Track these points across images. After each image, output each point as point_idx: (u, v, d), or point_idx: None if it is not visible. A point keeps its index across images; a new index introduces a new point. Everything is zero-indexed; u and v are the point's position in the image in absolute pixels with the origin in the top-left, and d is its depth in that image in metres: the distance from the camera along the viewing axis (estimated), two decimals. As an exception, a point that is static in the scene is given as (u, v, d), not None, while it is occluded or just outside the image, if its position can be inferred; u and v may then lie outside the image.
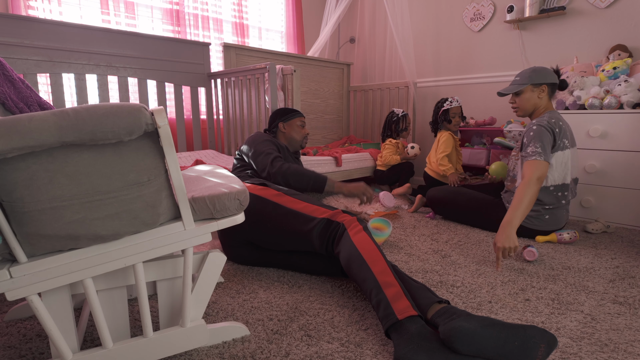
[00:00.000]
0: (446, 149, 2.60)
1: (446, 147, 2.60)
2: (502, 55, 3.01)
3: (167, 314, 0.96)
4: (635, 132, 2.03)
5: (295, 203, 1.41)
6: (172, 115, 2.76)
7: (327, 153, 2.79)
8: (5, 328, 1.10)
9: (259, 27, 3.38)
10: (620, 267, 1.55)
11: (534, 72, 1.82)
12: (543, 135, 1.73)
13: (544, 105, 1.86)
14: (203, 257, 0.96)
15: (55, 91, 2.15)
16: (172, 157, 0.79)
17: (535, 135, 1.74)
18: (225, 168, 1.74)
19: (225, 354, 0.97)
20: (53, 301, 0.82)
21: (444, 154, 2.59)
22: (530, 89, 1.84)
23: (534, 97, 1.84)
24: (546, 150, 1.71)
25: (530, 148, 1.73)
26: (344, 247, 1.22)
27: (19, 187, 0.69)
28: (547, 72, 1.82)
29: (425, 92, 3.51)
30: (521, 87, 1.83)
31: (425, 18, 3.43)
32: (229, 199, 0.89)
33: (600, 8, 2.51)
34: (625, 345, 1.01)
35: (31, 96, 1.10)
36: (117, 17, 2.51)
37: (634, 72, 2.23)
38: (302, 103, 3.49)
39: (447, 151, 2.60)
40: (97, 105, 0.71)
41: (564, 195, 1.82)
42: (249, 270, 1.52)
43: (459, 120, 2.65)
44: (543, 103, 1.86)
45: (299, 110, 1.94)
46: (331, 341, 1.03)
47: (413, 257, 1.65)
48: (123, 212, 0.77)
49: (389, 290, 1.04)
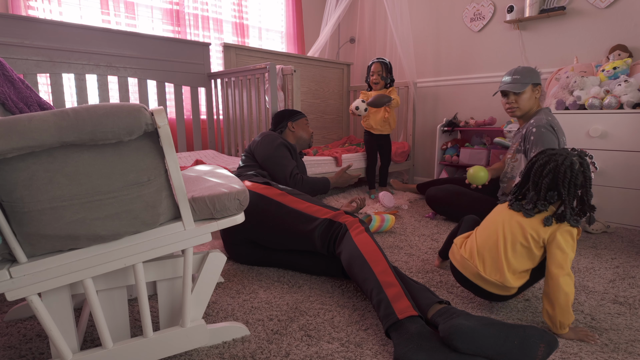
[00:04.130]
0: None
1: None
2: (502, 55, 3.01)
3: (167, 314, 0.96)
4: (635, 132, 2.03)
5: (298, 203, 1.42)
6: (172, 115, 2.76)
7: (327, 153, 2.79)
8: (5, 328, 1.10)
9: (259, 27, 3.38)
10: (620, 267, 1.55)
11: (532, 72, 1.82)
12: (545, 137, 1.73)
13: (537, 105, 1.88)
14: (203, 257, 0.96)
15: (55, 91, 2.15)
16: (172, 157, 0.79)
17: (536, 139, 1.75)
18: (226, 168, 1.74)
19: (225, 354, 0.97)
20: (53, 301, 0.82)
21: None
22: (530, 89, 1.83)
23: (533, 97, 1.85)
24: None
25: (532, 154, 1.73)
26: (345, 247, 1.22)
27: (18, 187, 0.69)
28: (538, 73, 1.85)
29: (425, 92, 3.51)
30: (525, 87, 1.81)
31: (425, 18, 3.43)
32: (229, 199, 0.89)
33: (600, 8, 2.51)
34: (625, 345, 1.01)
35: (31, 96, 1.10)
36: (117, 17, 2.51)
37: (634, 72, 2.23)
38: (302, 103, 3.49)
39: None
40: (97, 105, 0.71)
41: None
42: (249, 270, 1.52)
43: (377, 78, 2.69)
44: (537, 103, 1.88)
45: (302, 112, 1.98)
46: (331, 341, 1.03)
47: (413, 257, 1.65)
48: (123, 212, 0.77)
49: (389, 290, 1.04)
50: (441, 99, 3.41)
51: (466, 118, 3.24)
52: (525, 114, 1.89)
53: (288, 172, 1.78)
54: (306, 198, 1.45)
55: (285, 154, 1.81)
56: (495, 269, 1.10)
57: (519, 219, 1.11)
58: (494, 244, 1.13)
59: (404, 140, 3.46)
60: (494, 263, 1.11)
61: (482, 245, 1.15)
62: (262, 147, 1.80)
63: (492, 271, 1.11)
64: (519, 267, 1.09)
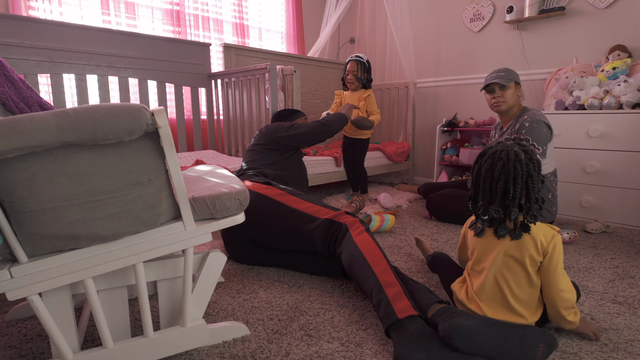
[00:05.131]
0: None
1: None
2: (501, 55, 3.01)
3: (168, 314, 0.96)
4: (634, 132, 2.04)
5: (299, 203, 1.42)
6: (172, 115, 2.76)
7: (327, 153, 2.79)
8: (6, 328, 1.10)
9: (259, 27, 3.38)
10: (620, 267, 1.55)
11: (514, 72, 1.95)
12: (537, 132, 1.82)
13: (519, 103, 1.98)
14: (203, 257, 0.96)
15: (55, 91, 2.16)
16: (173, 157, 0.80)
17: (527, 132, 1.84)
18: (226, 168, 1.74)
19: (225, 354, 0.97)
20: (54, 301, 0.82)
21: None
22: (514, 86, 1.94)
23: (516, 95, 1.95)
24: (541, 146, 1.81)
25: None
26: (346, 247, 1.22)
27: (19, 187, 0.69)
28: (517, 74, 1.98)
29: (425, 92, 3.52)
30: (510, 82, 1.91)
31: (425, 18, 3.43)
32: (229, 199, 0.90)
33: (600, 8, 2.51)
34: (624, 345, 1.01)
35: (32, 96, 1.10)
36: (118, 18, 2.52)
37: (633, 72, 2.23)
38: (302, 103, 3.49)
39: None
40: (98, 105, 0.72)
41: (556, 181, 1.97)
42: (249, 270, 1.52)
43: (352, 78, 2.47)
44: (518, 101, 1.98)
45: (302, 111, 1.97)
46: (331, 341, 1.03)
47: (413, 257, 1.65)
48: (123, 212, 0.77)
49: (389, 290, 1.04)
50: (441, 99, 3.42)
51: (466, 118, 3.25)
52: (509, 110, 1.98)
53: (310, 125, 1.83)
54: (307, 198, 1.45)
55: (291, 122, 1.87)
56: (509, 313, 1.00)
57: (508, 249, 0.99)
58: (497, 292, 1.01)
59: (404, 140, 3.46)
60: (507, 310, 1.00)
61: (486, 298, 1.02)
62: (274, 127, 1.82)
63: (507, 316, 1.00)
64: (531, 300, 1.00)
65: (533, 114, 1.88)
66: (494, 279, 1.01)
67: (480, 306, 1.01)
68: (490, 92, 1.96)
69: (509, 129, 1.99)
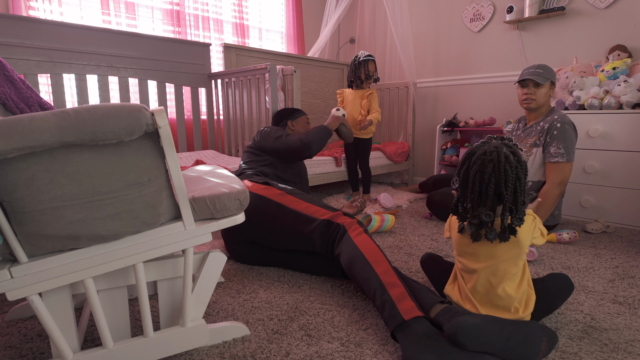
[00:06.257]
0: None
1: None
2: (501, 55, 3.01)
3: (168, 314, 0.96)
4: (634, 132, 2.04)
5: (298, 203, 1.42)
6: (172, 115, 2.76)
7: (327, 153, 2.79)
8: (6, 328, 1.10)
9: (259, 27, 3.38)
10: (620, 267, 1.55)
11: (553, 71, 1.86)
12: (568, 134, 1.78)
13: (549, 103, 1.92)
14: (203, 257, 0.96)
15: (56, 92, 2.16)
16: (173, 157, 0.80)
17: (559, 134, 1.79)
18: (226, 168, 1.74)
19: (225, 354, 0.97)
20: (54, 301, 0.82)
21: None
22: (549, 86, 1.87)
23: (548, 95, 1.88)
24: (569, 150, 1.77)
25: (553, 148, 1.79)
26: (345, 248, 1.22)
27: (19, 187, 0.69)
28: (555, 74, 1.90)
29: (425, 92, 3.52)
30: (546, 81, 1.84)
31: (425, 18, 3.43)
32: (229, 199, 0.90)
33: (600, 8, 2.51)
34: (624, 345, 1.01)
35: (32, 96, 1.10)
36: (118, 18, 2.52)
37: (633, 72, 2.23)
38: (302, 103, 3.49)
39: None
40: (98, 105, 0.72)
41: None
42: (249, 270, 1.52)
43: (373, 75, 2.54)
44: (549, 101, 1.92)
45: (302, 110, 1.97)
46: (331, 341, 1.03)
47: (413, 257, 1.65)
48: (123, 212, 0.77)
49: (393, 291, 1.03)
50: (441, 99, 3.42)
51: (466, 118, 3.25)
52: (538, 109, 1.91)
53: (296, 138, 1.76)
54: (305, 198, 1.45)
55: (282, 131, 1.82)
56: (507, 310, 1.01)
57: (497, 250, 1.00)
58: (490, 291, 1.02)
59: (404, 140, 3.46)
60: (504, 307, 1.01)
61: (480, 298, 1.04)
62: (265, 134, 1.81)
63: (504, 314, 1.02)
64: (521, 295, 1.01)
65: (563, 115, 1.82)
66: (486, 279, 1.02)
67: (475, 306, 1.03)
68: (524, 86, 1.89)
69: (534, 127, 1.93)
